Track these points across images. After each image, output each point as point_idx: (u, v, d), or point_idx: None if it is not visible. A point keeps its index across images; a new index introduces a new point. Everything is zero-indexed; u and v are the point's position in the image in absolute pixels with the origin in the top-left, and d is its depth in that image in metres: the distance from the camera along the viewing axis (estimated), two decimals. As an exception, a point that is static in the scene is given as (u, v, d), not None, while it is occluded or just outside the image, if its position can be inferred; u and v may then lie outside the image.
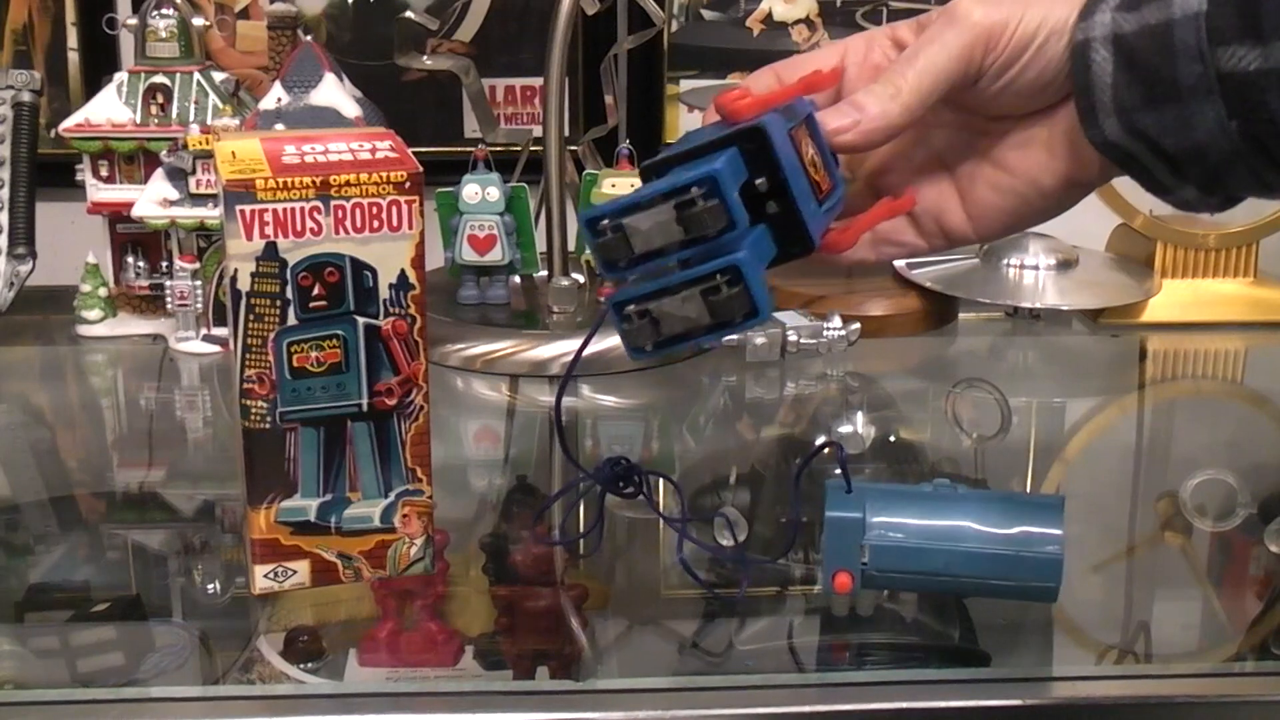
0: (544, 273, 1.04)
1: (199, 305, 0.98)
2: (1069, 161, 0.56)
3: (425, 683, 0.59)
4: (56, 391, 0.98)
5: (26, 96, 1.05)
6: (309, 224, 0.58)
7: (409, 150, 0.61)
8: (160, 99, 1.01)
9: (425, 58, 1.09)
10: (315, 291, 0.58)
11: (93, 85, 1.12)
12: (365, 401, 0.61)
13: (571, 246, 1.02)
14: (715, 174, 0.49)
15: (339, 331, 0.59)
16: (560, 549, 0.71)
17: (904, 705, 0.56)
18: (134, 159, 1.01)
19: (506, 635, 0.63)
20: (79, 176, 1.02)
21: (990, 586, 0.60)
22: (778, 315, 0.98)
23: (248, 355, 0.59)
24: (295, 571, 0.62)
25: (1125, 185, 1.11)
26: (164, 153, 0.98)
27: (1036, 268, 1.06)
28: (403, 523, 0.63)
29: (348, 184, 0.58)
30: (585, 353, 0.62)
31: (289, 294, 0.58)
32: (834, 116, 0.54)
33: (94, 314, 1.03)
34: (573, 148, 1.07)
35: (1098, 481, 0.85)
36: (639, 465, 0.68)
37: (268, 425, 0.60)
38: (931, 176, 0.59)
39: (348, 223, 0.58)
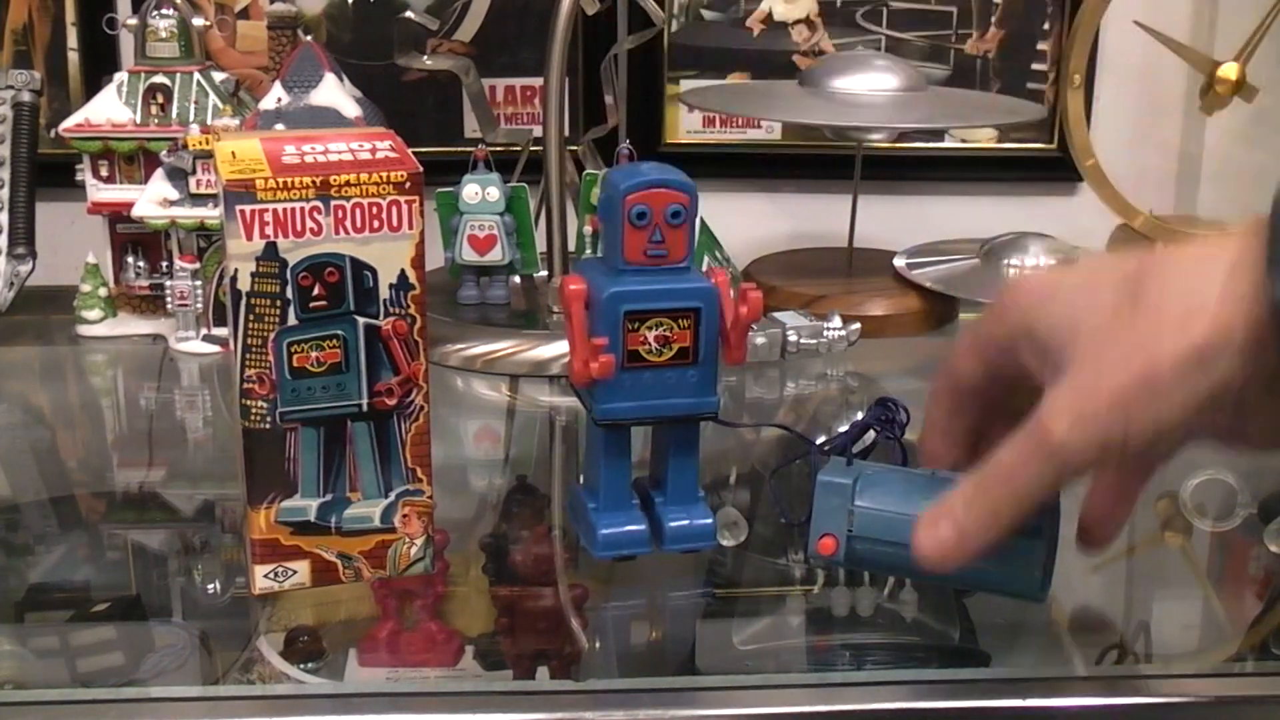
0: (544, 273, 1.04)
1: (199, 305, 0.98)
2: None
3: (425, 683, 0.59)
4: (56, 391, 0.98)
5: (26, 96, 1.05)
6: (309, 224, 0.58)
7: (409, 150, 0.61)
8: (160, 99, 1.01)
9: (425, 58, 1.10)
10: (315, 291, 0.58)
11: (93, 85, 1.12)
12: (365, 401, 0.61)
13: (571, 246, 1.02)
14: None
15: (339, 331, 0.59)
16: (559, 549, 0.71)
17: (904, 705, 0.56)
18: (134, 159, 1.01)
19: (506, 635, 0.63)
20: (79, 176, 1.02)
21: (974, 570, 0.59)
22: (778, 315, 0.98)
23: (248, 355, 0.59)
24: (295, 571, 0.62)
25: (1125, 185, 1.11)
26: (164, 153, 0.98)
27: (1037, 268, 1.06)
28: (403, 523, 0.63)
29: (348, 184, 0.58)
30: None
31: (289, 294, 0.58)
32: (927, 532, 0.51)
33: (94, 314, 1.03)
34: (573, 148, 1.07)
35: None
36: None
37: (268, 425, 0.60)
38: None
39: (348, 223, 0.58)
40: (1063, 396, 0.48)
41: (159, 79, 1.01)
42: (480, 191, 0.99)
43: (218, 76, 1.03)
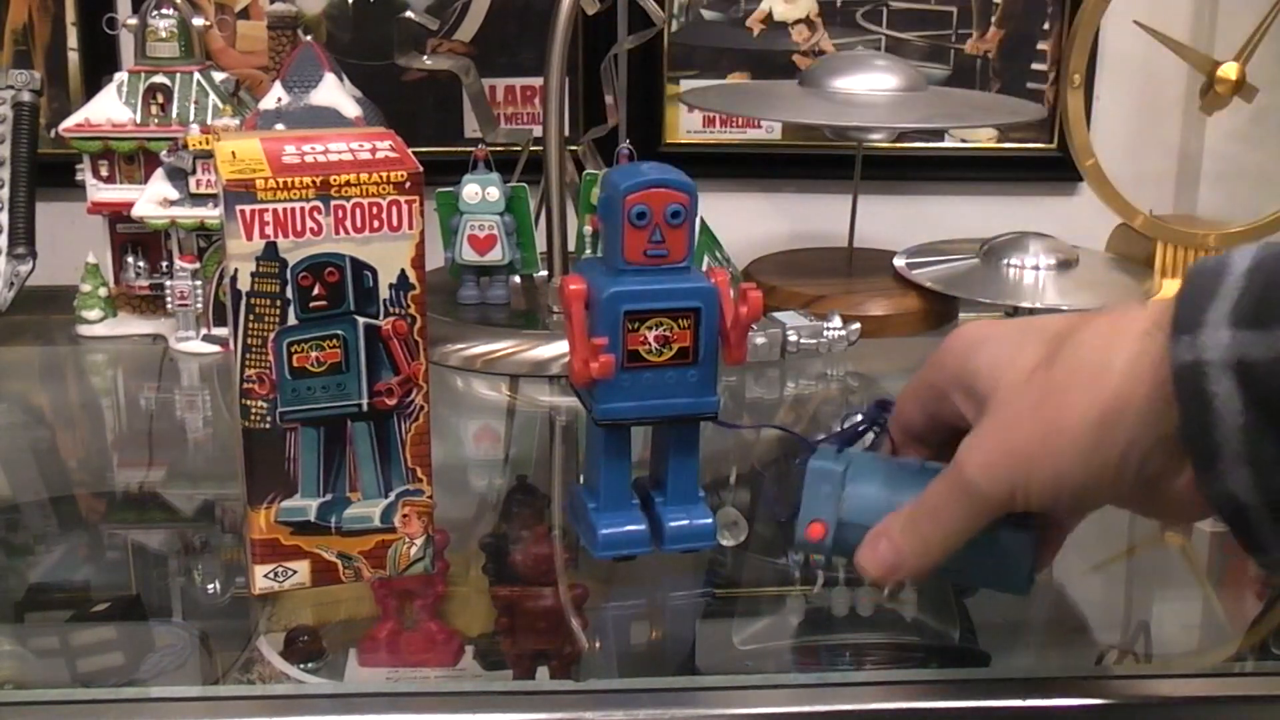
0: (544, 273, 1.04)
1: (199, 305, 0.99)
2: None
3: (425, 683, 0.59)
4: (56, 391, 0.98)
5: (26, 96, 1.05)
6: (309, 224, 0.58)
7: (409, 150, 0.61)
8: (160, 99, 1.01)
9: (425, 58, 1.10)
10: (315, 291, 0.58)
11: (93, 85, 1.12)
12: (365, 401, 0.61)
13: (571, 246, 1.02)
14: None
15: (339, 331, 0.59)
16: (559, 549, 0.71)
17: (904, 705, 0.56)
18: (134, 159, 1.01)
19: (506, 635, 0.63)
20: (79, 176, 1.02)
21: (961, 563, 0.59)
22: (778, 315, 0.98)
23: (248, 355, 0.59)
24: (295, 571, 0.62)
25: (1125, 185, 1.11)
26: (164, 153, 0.98)
27: (1037, 268, 1.06)
28: (403, 523, 0.63)
29: (348, 184, 0.58)
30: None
31: (289, 294, 0.58)
32: (869, 548, 0.53)
33: (94, 314, 1.03)
34: (573, 148, 1.07)
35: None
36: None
37: (268, 425, 0.60)
38: None
39: (348, 223, 0.58)
40: (976, 441, 0.50)
41: (159, 79, 1.01)
42: (480, 191, 0.99)
43: (218, 76, 1.03)
